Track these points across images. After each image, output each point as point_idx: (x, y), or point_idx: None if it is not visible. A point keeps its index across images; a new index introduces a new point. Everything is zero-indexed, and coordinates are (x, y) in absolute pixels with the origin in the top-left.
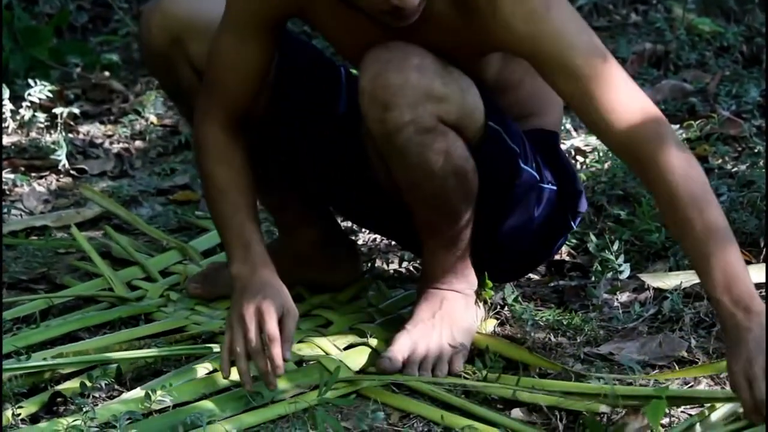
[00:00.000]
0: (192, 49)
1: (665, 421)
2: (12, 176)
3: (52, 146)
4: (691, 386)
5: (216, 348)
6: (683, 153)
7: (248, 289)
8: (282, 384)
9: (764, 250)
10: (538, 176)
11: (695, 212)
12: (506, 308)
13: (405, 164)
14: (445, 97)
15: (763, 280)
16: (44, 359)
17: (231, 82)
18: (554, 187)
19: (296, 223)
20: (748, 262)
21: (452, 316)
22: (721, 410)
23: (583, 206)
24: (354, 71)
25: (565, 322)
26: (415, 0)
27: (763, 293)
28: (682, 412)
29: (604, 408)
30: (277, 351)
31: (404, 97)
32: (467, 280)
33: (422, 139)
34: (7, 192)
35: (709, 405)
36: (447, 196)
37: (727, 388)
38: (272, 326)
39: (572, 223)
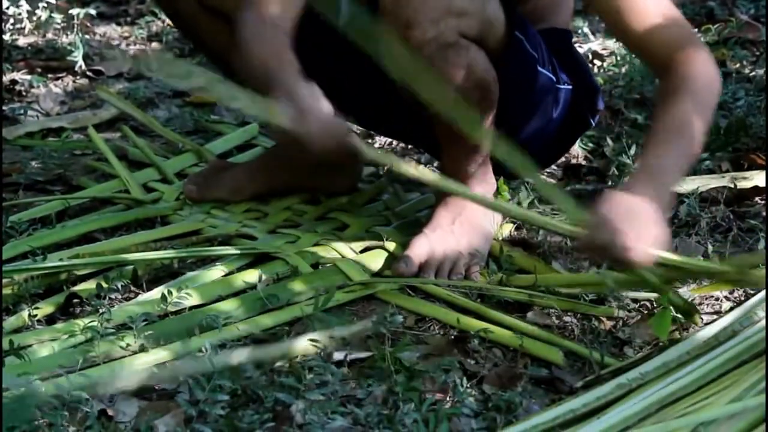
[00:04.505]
0: None
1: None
2: (28, 77)
3: (69, 47)
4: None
5: (231, 250)
6: (707, 61)
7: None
8: (297, 286)
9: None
10: (554, 78)
11: (687, 114)
12: None
13: None
14: (466, 11)
15: None
16: (60, 260)
17: None
18: (570, 87)
19: None
20: (762, 167)
21: (471, 222)
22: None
23: (601, 103)
24: None
25: None
26: None
27: None
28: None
29: (620, 312)
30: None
31: (426, 14)
32: (488, 183)
33: (444, 55)
34: (24, 93)
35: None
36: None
37: None
38: None
39: (591, 120)
